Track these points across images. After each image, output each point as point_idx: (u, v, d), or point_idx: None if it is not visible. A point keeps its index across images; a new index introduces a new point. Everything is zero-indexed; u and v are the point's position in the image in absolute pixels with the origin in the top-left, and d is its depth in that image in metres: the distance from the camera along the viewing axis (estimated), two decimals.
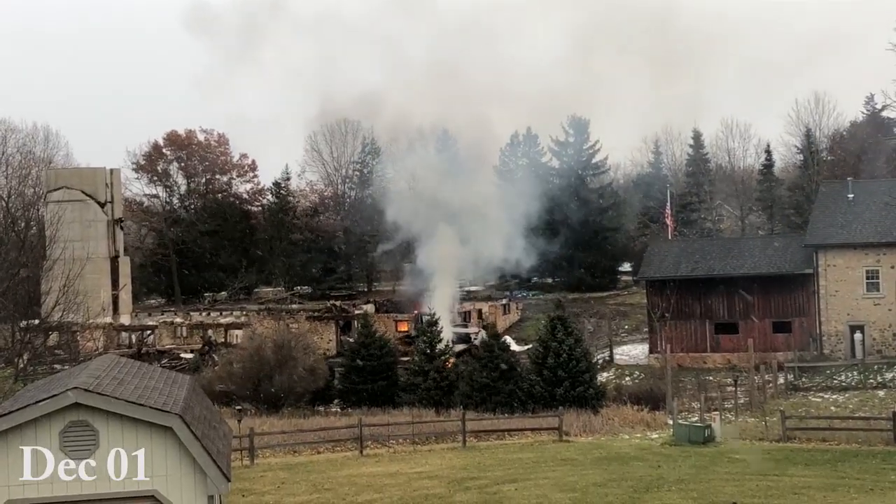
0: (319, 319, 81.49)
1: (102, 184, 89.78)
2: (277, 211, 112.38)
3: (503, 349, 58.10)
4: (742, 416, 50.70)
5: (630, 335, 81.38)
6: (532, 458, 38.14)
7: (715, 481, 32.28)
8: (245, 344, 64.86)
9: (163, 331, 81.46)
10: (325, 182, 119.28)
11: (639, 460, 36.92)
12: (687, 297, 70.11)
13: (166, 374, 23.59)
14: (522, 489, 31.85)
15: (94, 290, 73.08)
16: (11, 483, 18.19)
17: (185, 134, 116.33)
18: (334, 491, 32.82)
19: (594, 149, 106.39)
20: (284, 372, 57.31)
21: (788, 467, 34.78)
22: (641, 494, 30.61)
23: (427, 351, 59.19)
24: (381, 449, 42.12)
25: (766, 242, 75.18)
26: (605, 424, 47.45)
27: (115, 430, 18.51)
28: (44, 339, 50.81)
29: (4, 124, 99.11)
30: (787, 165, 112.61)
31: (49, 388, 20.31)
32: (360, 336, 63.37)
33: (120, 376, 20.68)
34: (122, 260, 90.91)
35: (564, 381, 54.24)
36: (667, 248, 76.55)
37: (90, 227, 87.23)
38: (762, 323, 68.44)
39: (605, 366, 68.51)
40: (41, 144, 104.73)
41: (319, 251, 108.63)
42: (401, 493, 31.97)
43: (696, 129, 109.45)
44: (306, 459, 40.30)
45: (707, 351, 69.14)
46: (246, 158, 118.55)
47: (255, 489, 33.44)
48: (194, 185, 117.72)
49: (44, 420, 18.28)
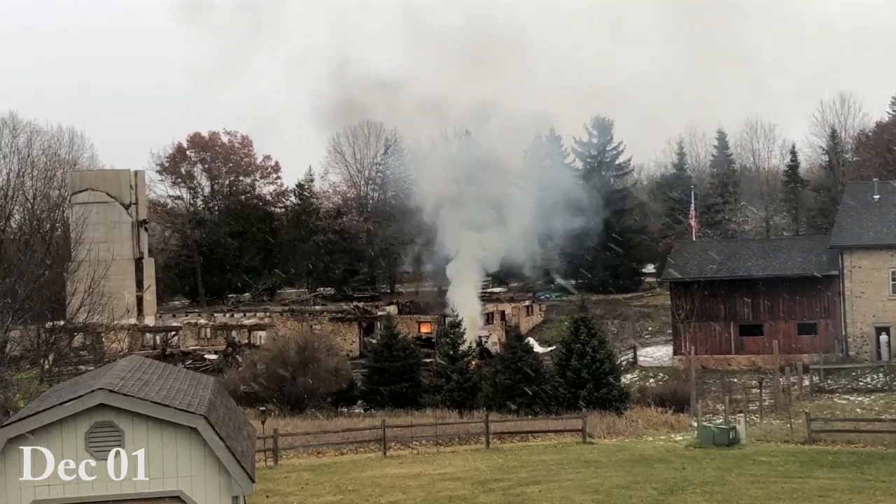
0: (342, 321, 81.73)
1: (127, 185, 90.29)
2: (300, 212, 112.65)
3: (526, 351, 57.98)
4: (767, 418, 50.43)
5: (654, 337, 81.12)
6: (555, 460, 38.04)
7: (740, 484, 32.11)
8: (268, 345, 65.02)
9: (187, 332, 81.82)
10: (348, 183, 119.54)
11: (663, 462, 36.76)
12: (711, 299, 69.81)
13: (191, 375, 23.66)
14: (546, 491, 31.77)
15: (119, 292, 73.44)
16: (37, 483, 18.28)
17: (209, 136, 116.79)
18: (358, 492, 32.82)
19: (618, 149, 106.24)
20: (308, 373, 57.37)
21: (814, 469, 34.56)
22: (665, 497, 30.49)
23: (450, 353, 59.14)
24: (404, 450, 42.10)
25: (791, 244, 74.82)
26: (628, 426, 47.26)
27: (140, 430, 18.58)
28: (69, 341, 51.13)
29: (30, 126, 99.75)
30: (812, 166, 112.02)
31: (74, 389, 20.41)
32: (383, 337, 63.38)
33: (145, 377, 20.76)
34: (146, 261, 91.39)
35: (588, 383, 54.08)
36: (691, 249, 76.25)
37: (115, 228, 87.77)
38: (787, 325, 68.09)
39: (628, 367, 68.32)
40: (66, 146, 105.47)
41: (342, 252, 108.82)
42: (424, 495, 31.95)
43: (721, 129, 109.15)
44: (330, 460, 40.31)
45: (732, 353, 68.84)
46: (269, 160, 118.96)
47: (279, 490, 33.48)
48: (218, 186, 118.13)
49: (69, 421, 18.36)
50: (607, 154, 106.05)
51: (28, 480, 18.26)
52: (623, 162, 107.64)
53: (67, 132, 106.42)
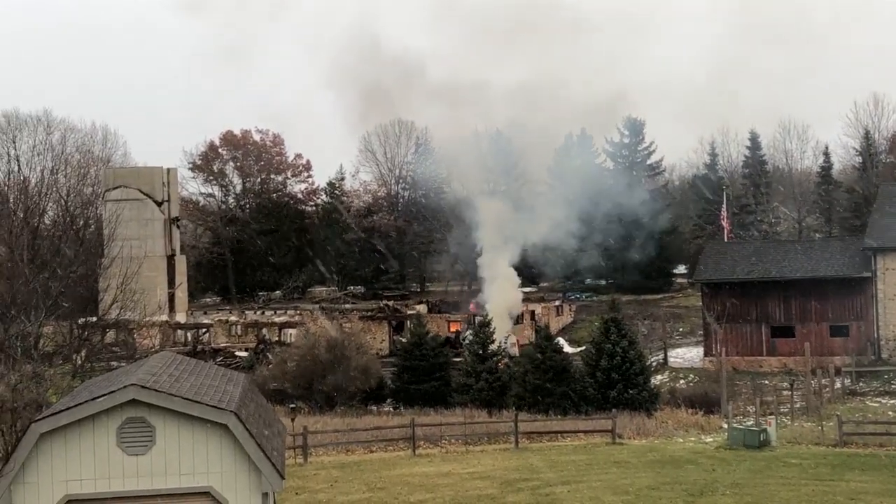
0: (372, 319, 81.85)
1: (160, 183, 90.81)
2: (331, 211, 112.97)
3: (556, 351, 57.91)
4: (798, 420, 50.13)
5: (684, 338, 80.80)
6: (584, 461, 37.98)
7: (770, 486, 31.96)
8: (299, 343, 65.22)
9: (218, 329, 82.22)
10: (379, 182, 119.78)
11: (692, 464, 36.63)
12: (743, 300, 69.38)
13: (221, 372, 23.77)
14: (575, 491, 31.74)
15: (151, 289, 73.83)
16: (70, 478, 18.42)
17: (241, 134, 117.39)
18: (387, 490, 32.90)
19: (649, 150, 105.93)
20: (337, 371, 57.55)
21: (845, 472, 34.35)
22: (695, 498, 30.39)
23: (479, 352, 59.15)
24: (433, 449, 42.15)
25: (824, 245, 74.26)
26: (658, 427, 47.11)
27: (171, 426, 18.68)
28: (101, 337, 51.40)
29: (64, 124, 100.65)
30: (845, 167, 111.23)
31: (107, 384, 20.54)
32: (413, 336, 63.46)
33: (176, 374, 20.87)
34: (178, 258, 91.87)
35: (618, 384, 53.94)
36: (722, 250, 75.82)
37: (147, 225, 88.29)
38: (819, 327, 67.61)
39: (658, 368, 68.05)
40: (100, 144, 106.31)
41: (372, 251, 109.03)
42: (453, 494, 31.97)
43: (753, 130, 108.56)
44: (359, 458, 40.42)
45: (763, 354, 68.43)
46: (301, 158, 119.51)
47: (308, 487, 33.60)
48: (249, 184, 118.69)
49: (102, 416, 18.49)
50: (639, 154, 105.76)
51: (60, 476, 18.40)
52: (655, 162, 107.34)
53: (101, 130, 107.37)
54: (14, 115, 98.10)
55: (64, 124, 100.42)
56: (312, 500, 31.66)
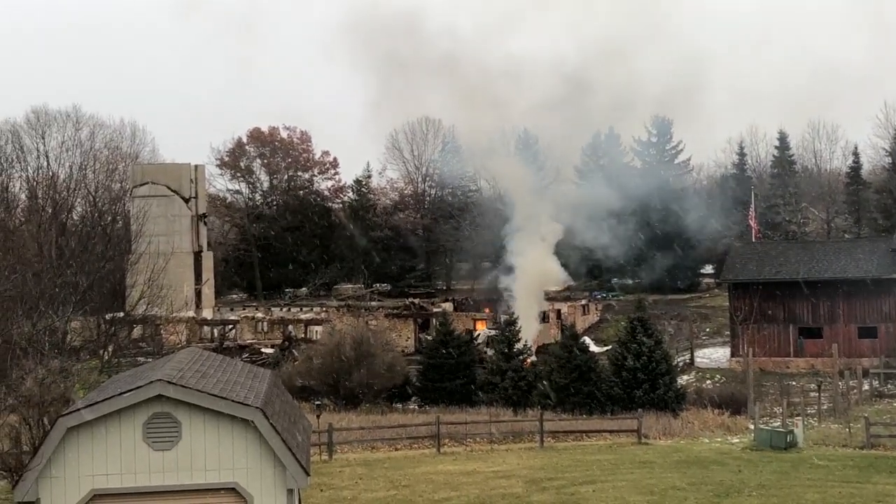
0: (398, 317, 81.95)
1: (187, 179, 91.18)
2: (358, 208, 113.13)
3: (582, 350, 57.77)
4: (825, 421, 49.82)
5: (711, 338, 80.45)
6: (610, 460, 37.87)
7: (797, 487, 31.76)
8: (324, 340, 65.30)
9: (244, 325, 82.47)
10: (405, 180, 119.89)
11: (719, 465, 36.46)
12: (770, 301, 69.05)
13: (247, 369, 23.83)
14: (600, 491, 31.64)
15: (178, 285, 74.09)
16: (96, 473, 18.49)
17: (269, 131, 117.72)
18: (411, 488, 32.89)
19: (677, 149, 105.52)
20: (363, 368, 57.58)
21: (872, 475, 34.11)
22: (721, 499, 30.23)
23: (505, 350, 59.06)
24: (458, 447, 42.13)
25: (853, 246, 73.78)
26: (684, 428, 46.92)
27: (197, 422, 18.73)
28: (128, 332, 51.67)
29: (93, 120, 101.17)
30: (874, 168, 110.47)
31: (133, 380, 20.63)
32: (438, 334, 63.42)
33: (202, 369, 20.93)
34: (205, 255, 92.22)
35: (644, 384, 53.75)
36: (750, 250, 75.49)
37: (175, 221, 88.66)
38: (847, 328, 67.20)
39: (685, 368, 67.80)
40: (128, 140, 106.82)
41: (399, 249, 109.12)
42: (478, 492, 31.93)
43: (782, 130, 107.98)
44: (384, 456, 40.44)
45: (790, 355, 68.07)
46: (328, 156, 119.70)
47: (333, 484, 33.64)
48: (277, 181, 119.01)
49: (128, 411, 18.55)
50: (666, 153, 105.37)
51: (87, 470, 18.48)
52: (682, 161, 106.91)
53: (129, 126, 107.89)
54: (43, 111, 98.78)
55: (93, 120, 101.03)
56: (337, 497, 31.69)
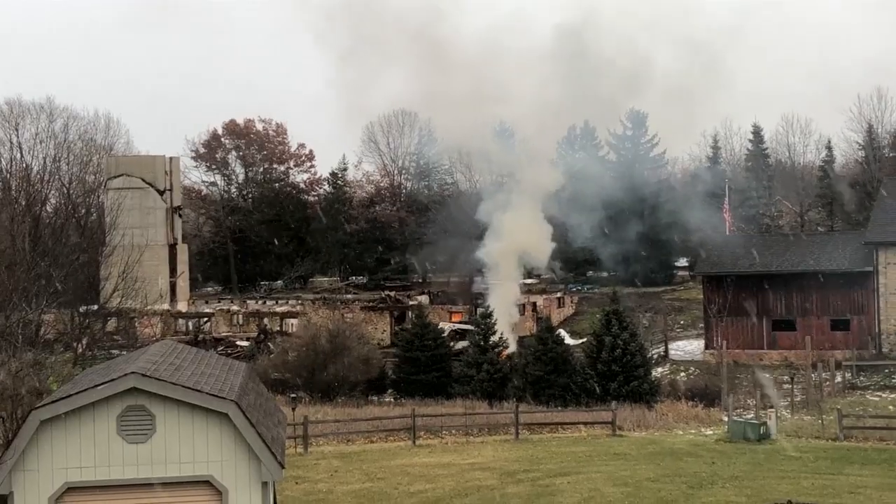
0: (374, 310, 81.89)
1: (162, 172, 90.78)
2: (334, 201, 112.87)
3: (557, 343, 57.95)
4: (798, 413, 50.18)
5: (685, 331, 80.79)
6: (585, 452, 38.04)
7: (770, 479, 31.99)
8: (300, 333, 65.24)
9: (219, 318, 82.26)
10: (382, 173, 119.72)
11: (693, 456, 36.69)
12: (744, 293, 69.36)
13: (222, 361, 23.79)
14: (575, 483, 31.77)
15: (153, 277, 73.91)
16: (70, 466, 18.44)
17: (244, 123, 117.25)
18: (387, 480, 32.95)
19: (652, 142, 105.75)
20: (339, 361, 57.55)
21: (844, 466, 34.39)
22: (695, 491, 30.41)
23: (481, 343, 59.14)
24: (433, 439, 42.22)
25: (826, 239, 74.23)
26: (659, 420, 47.17)
27: (171, 415, 18.70)
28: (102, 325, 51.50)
29: (67, 112, 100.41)
30: (847, 161, 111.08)
31: (107, 372, 20.57)
32: (414, 327, 63.46)
33: (177, 362, 20.89)
34: (180, 247, 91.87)
35: (618, 376, 53.96)
36: (724, 243, 75.81)
37: (149, 214, 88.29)
38: (820, 320, 67.60)
39: (659, 361, 68.06)
40: (102, 132, 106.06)
41: (375, 241, 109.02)
42: (453, 484, 32.01)
43: (756, 123, 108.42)
44: (359, 448, 40.48)
45: (764, 348, 68.42)
46: (304, 148, 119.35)
47: (308, 477, 33.65)
48: (252, 173, 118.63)
49: (102, 404, 18.50)
50: (642, 147, 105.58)
51: (60, 463, 18.43)
52: (657, 155, 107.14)
53: (104, 118, 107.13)
54: (17, 103, 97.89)
55: (66, 112, 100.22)
56: (312, 490, 31.71)
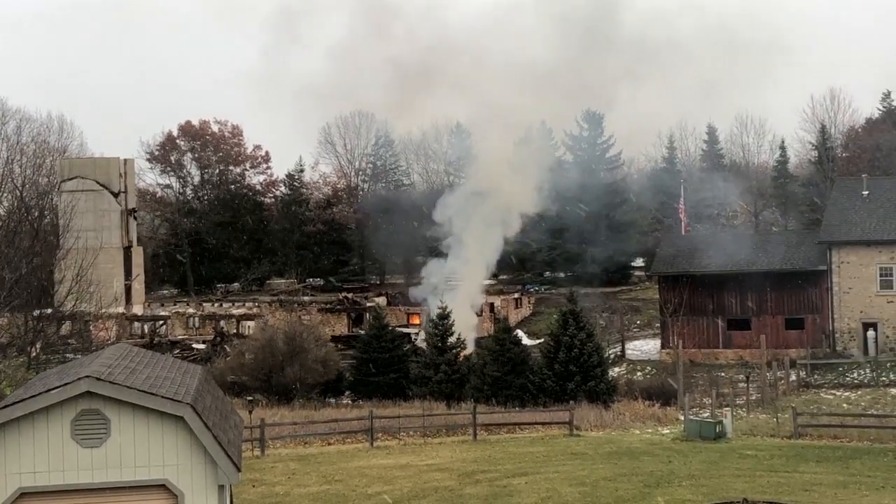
0: (331, 311, 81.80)
1: (116, 174, 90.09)
2: (291, 203, 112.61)
3: (515, 343, 58.06)
4: (754, 412, 50.58)
5: (642, 330, 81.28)
6: (542, 452, 38.11)
7: (726, 477, 32.20)
8: (257, 335, 64.94)
9: (175, 321, 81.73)
10: (339, 174, 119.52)
11: (649, 455, 36.86)
12: (699, 293, 69.92)
13: (178, 364, 23.61)
14: (532, 483, 31.82)
15: (107, 280, 73.29)
16: (23, 471, 18.23)
17: (200, 125, 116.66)
18: (345, 482, 32.84)
19: (608, 143, 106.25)
20: (296, 363, 57.35)
21: (799, 464, 34.68)
22: (652, 489, 30.55)
23: (438, 344, 59.14)
24: (391, 441, 42.16)
25: (780, 239, 74.98)
26: (616, 419, 47.37)
27: (126, 418, 18.53)
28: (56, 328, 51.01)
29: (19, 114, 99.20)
30: (801, 161, 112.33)
31: (61, 376, 20.35)
32: (372, 328, 63.37)
33: (132, 366, 20.71)
34: (135, 250, 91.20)
35: (576, 376, 54.13)
36: (680, 243, 76.35)
37: (104, 216, 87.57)
38: (775, 319, 68.25)
39: (616, 360, 68.42)
40: (56, 134, 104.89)
41: (332, 243, 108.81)
42: (411, 485, 31.97)
43: (711, 124, 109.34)
44: (317, 451, 40.33)
45: (719, 347, 68.98)
46: (259, 150, 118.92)
47: (265, 480, 33.49)
48: (208, 175, 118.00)
49: (56, 408, 18.29)
50: (598, 147, 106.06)
51: (13, 468, 18.21)
52: (613, 155, 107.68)
53: (57, 120, 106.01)
54: None
55: (19, 114, 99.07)
56: (270, 493, 31.55)
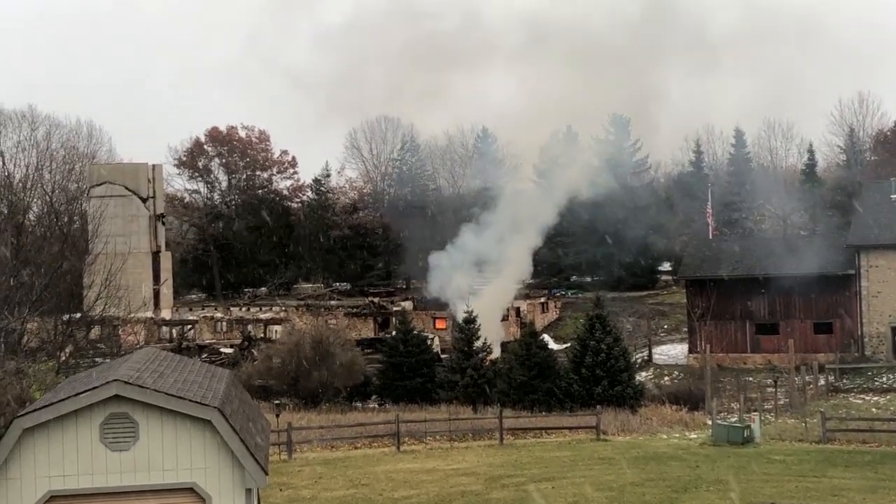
0: (358, 316, 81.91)
1: (145, 179, 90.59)
2: (317, 207, 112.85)
3: (541, 347, 58.01)
4: (782, 417, 50.35)
5: (669, 335, 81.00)
6: (569, 457, 38.06)
7: (753, 482, 32.07)
8: (284, 339, 65.14)
9: (203, 325, 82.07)
10: (365, 179, 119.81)
11: (677, 460, 36.74)
12: (727, 297, 69.61)
13: (206, 368, 23.73)
14: (559, 488, 31.79)
15: (136, 285, 73.62)
16: (52, 474, 18.37)
17: (227, 130, 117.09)
18: (371, 486, 32.92)
19: (635, 147, 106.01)
20: (322, 367, 57.50)
21: (828, 469, 34.50)
22: (679, 494, 30.47)
23: (464, 348, 59.14)
24: (417, 445, 42.20)
25: (808, 243, 74.50)
26: (643, 424, 47.28)
27: (154, 422, 18.64)
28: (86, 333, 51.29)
29: (49, 120, 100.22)
30: (829, 165, 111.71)
31: (90, 380, 20.48)
32: (398, 333, 63.45)
33: (160, 369, 20.83)
34: (163, 255, 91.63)
35: (603, 380, 54.03)
36: (707, 247, 76.05)
37: (132, 222, 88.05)
38: (803, 324, 67.89)
39: (643, 365, 68.24)
40: (85, 140, 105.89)
41: (358, 248, 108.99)
42: (437, 490, 32.00)
43: (739, 127, 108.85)
44: (343, 455, 40.44)
45: (747, 351, 68.67)
46: (286, 155, 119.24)
47: (292, 483, 33.60)
48: (235, 181, 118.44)
49: (84, 412, 18.42)
50: (624, 151, 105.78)
51: (43, 472, 18.36)
52: (640, 159, 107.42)
53: (86, 126, 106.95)
54: None
55: (49, 120, 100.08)
56: (296, 497, 31.66)
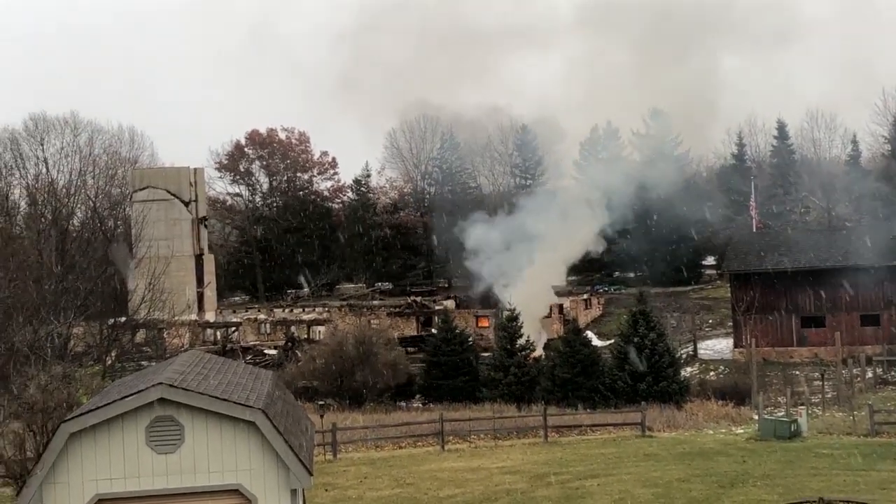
0: (400, 315, 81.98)
1: (187, 183, 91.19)
2: (358, 208, 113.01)
3: (584, 344, 57.85)
4: (829, 410, 49.87)
5: (714, 329, 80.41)
6: (614, 454, 37.89)
7: (801, 476, 31.77)
8: (327, 340, 65.38)
9: (247, 327, 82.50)
10: (405, 178, 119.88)
11: (723, 455, 36.49)
12: (772, 291, 69.02)
13: (249, 370, 23.84)
14: (605, 485, 31.65)
15: (180, 288, 74.13)
16: (99, 478, 18.51)
17: (267, 132, 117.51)
18: (416, 486, 32.92)
19: (676, 141, 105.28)
20: (366, 367, 57.67)
21: (876, 462, 34.12)
22: (726, 490, 30.23)
23: (507, 346, 59.07)
24: (462, 444, 42.17)
25: (853, 234, 73.73)
26: (688, 419, 47.01)
27: (199, 424, 18.73)
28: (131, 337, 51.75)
29: (91, 126, 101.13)
30: (874, 155, 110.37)
31: (135, 384, 20.63)
32: (441, 332, 63.47)
33: (204, 372, 20.93)
34: (206, 258, 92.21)
35: (647, 376, 53.80)
36: (751, 240, 75.49)
37: (175, 225, 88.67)
38: (850, 316, 67.19)
39: (688, 360, 67.80)
40: (127, 145, 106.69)
41: (400, 247, 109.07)
42: (482, 488, 31.95)
43: (781, 119, 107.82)
44: (388, 454, 40.49)
45: (793, 345, 68.05)
46: (326, 156, 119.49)
47: (337, 483, 33.68)
48: (276, 183, 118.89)
49: (130, 416, 18.56)
50: (665, 145, 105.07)
51: (90, 475, 18.50)
52: (682, 153, 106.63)
53: (128, 131, 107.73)
54: (41, 118, 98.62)
55: (91, 126, 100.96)
56: (342, 497, 31.72)
